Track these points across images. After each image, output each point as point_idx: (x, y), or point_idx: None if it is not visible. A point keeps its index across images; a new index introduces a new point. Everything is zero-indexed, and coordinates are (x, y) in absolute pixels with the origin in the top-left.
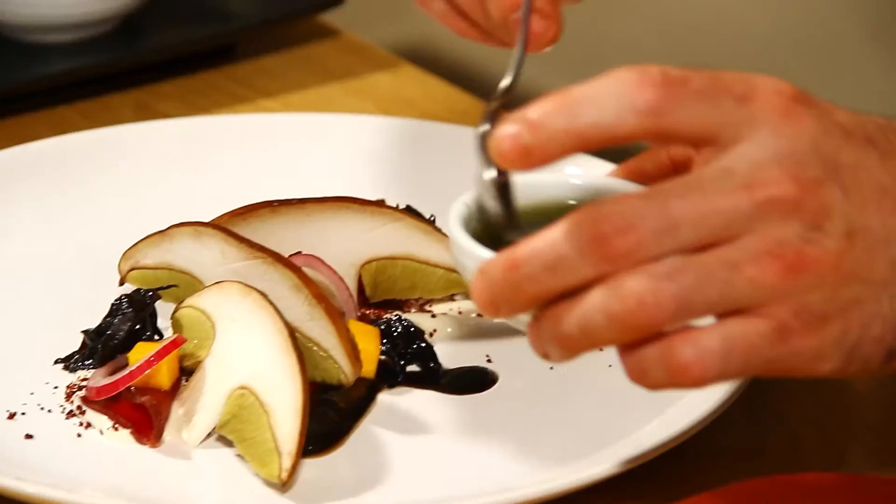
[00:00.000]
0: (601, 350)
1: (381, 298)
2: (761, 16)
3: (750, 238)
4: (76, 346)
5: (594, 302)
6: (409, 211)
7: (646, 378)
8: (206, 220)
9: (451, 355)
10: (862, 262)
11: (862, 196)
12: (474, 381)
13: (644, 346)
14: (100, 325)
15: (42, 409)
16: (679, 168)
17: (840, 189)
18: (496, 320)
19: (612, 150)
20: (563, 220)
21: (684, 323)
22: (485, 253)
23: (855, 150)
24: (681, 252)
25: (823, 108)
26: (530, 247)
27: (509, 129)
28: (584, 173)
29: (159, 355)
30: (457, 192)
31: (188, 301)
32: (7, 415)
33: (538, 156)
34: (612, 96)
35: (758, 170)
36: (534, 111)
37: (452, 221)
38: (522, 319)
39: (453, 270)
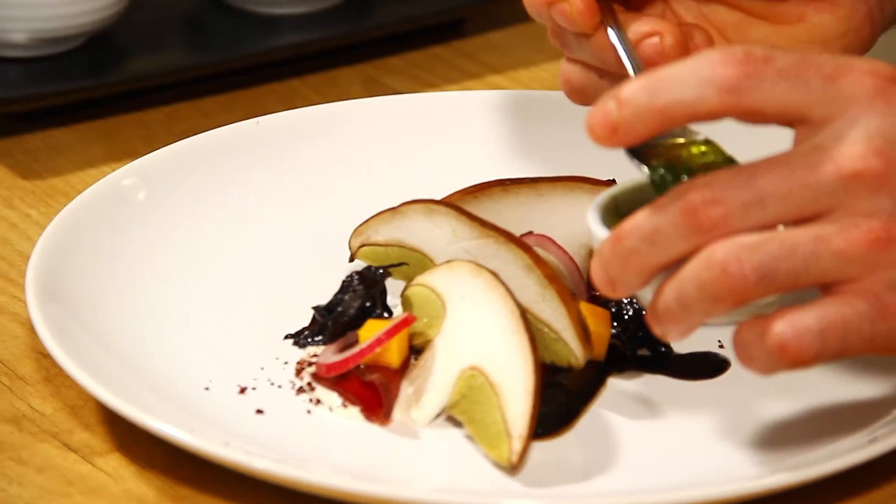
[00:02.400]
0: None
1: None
2: None
3: (837, 212)
4: (306, 322)
5: (687, 273)
6: None
7: (752, 361)
8: (434, 197)
9: (682, 340)
10: None
11: None
12: (705, 366)
13: (746, 329)
14: (330, 302)
15: (272, 384)
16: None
17: None
18: None
19: None
20: (661, 196)
21: (771, 293)
22: (602, 233)
23: None
24: (768, 226)
25: None
26: (632, 222)
27: (601, 105)
28: None
29: (390, 333)
30: None
31: (418, 279)
32: (238, 389)
33: (624, 132)
34: (695, 75)
35: (846, 145)
36: (624, 89)
37: (591, 210)
38: (647, 297)
39: None
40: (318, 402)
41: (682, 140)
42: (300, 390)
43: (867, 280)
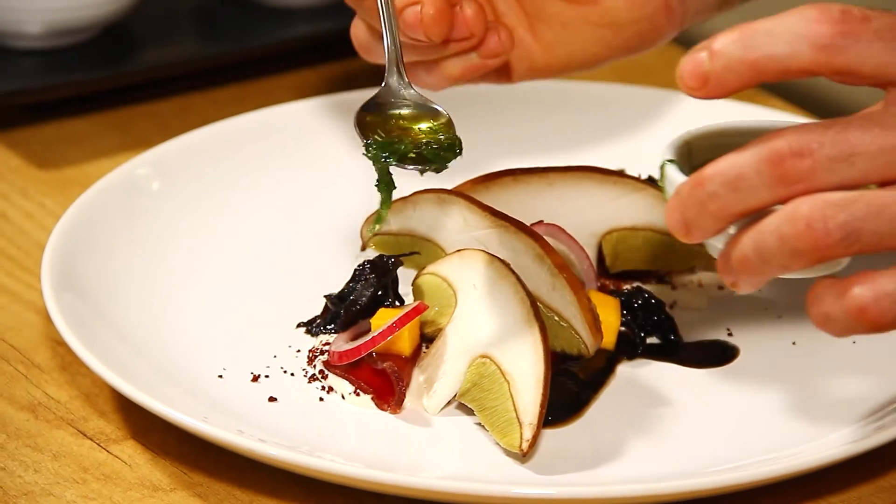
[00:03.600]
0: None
1: (621, 269)
2: None
3: None
4: (319, 311)
5: (769, 224)
6: (651, 181)
7: (828, 323)
8: (445, 186)
9: (691, 328)
10: None
11: None
12: (715, 354)
13: (824, 290)
14: (342, 291)
15: (285, 372)
16: None
17: None
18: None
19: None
20: (749, 143)
21: (853, 253)
22: (681, 177)
23: None
24: (854, 184)
25: None
26: (715, 166)
27: (692, 56)
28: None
29: (401, 322)
30: None
31: (430, 268)
32: (251, 377)
33: (715, 83)
34: (789, 30)
35: None
36: (717, 40)
37: (665, 151)
38: (718, 247)
39: None
40: (331, 389)
41: (417, 115)
42: (313, 378)
43: None
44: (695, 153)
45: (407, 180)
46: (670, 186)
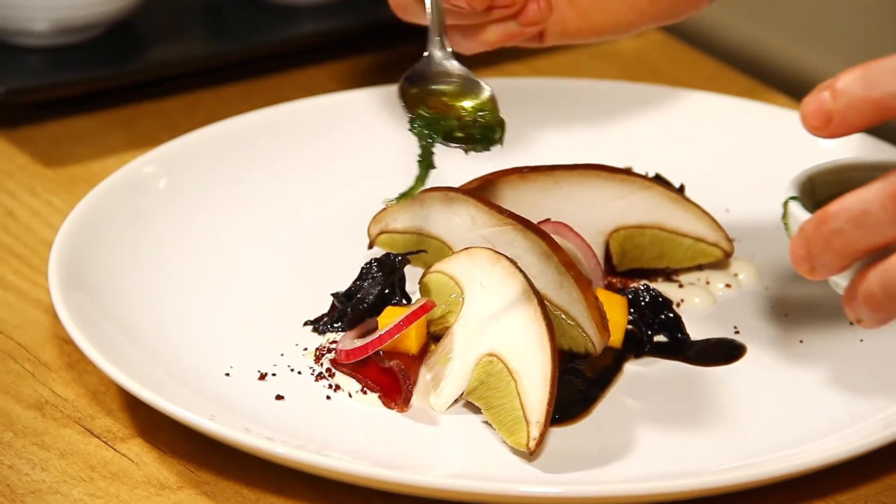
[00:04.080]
0: None
1: (628, 267)
2: None
3: None
4: (326, 309)
5: None
6: (658, 180)
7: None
8: (452, 184)
9: (698, 326)
10: None
11: None
12: (721, 352)
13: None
14: (349, 289)
15: (292, 370)
16: None
17: None
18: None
19: None
20: (874, 179)
21: None
22: (805, 214)
23: None
24: None
25: None
26: (840, 203)
27: (815, 95)
28: None
29: (408, 320)
30: (705, 160)
31: (437, 266)
32: (258, 375)
33: (839, 122)
34: None
35: None
36: (840, 80)
37: (789, 188)
38: (841, 284)
39: (701, 240)
40: (338, 388)
41: (461, 90)
42: (320, 376)
43: None
44: (818, 189)
45: (410, 178)
46: (794, 223)
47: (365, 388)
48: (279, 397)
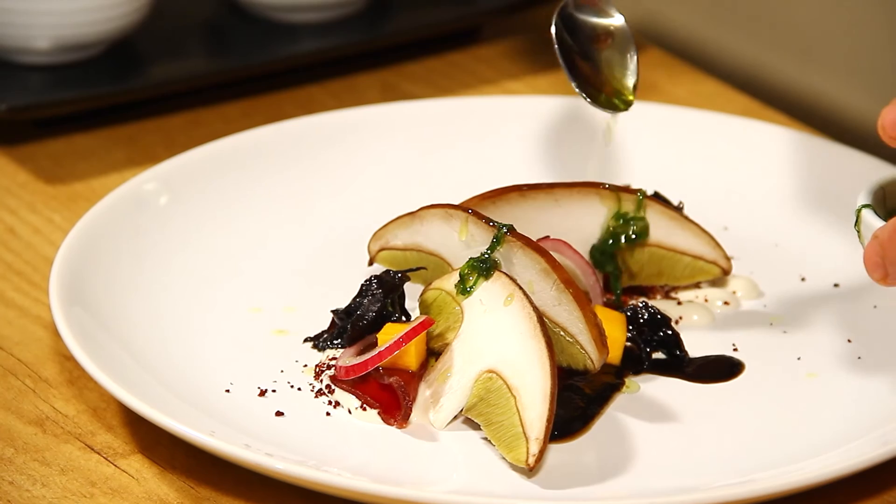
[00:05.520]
0: None
1: (627, 284)
2: None
3: None
4: (325, 326)
5: None
6: (657, 197)
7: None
8: (452, 201)
9: (696, 343)
10: None
11: None
12: (720, 369)
13: None
14: (349, 305)
15: (292, 386)
16: None
17: None
18: (743, 311)
19: None
20: None
21: None
22: (878, 222)
23: None
24: None
25: None
26: None
27: (895, 107)
28: None
29: (408, 337)
30: (704, 178)
31: (436, 283)
32: (258, 391)
33: None
34: None
35: None
36: None
37: (862, 197)
38: None
39: (700, 258)
40: (337, 404)
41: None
42: (319, 393)
43: None
44: (889, 198)
45: (412, 196)
46: (867, 230)
47: (364, 405)
48: (279, 413)
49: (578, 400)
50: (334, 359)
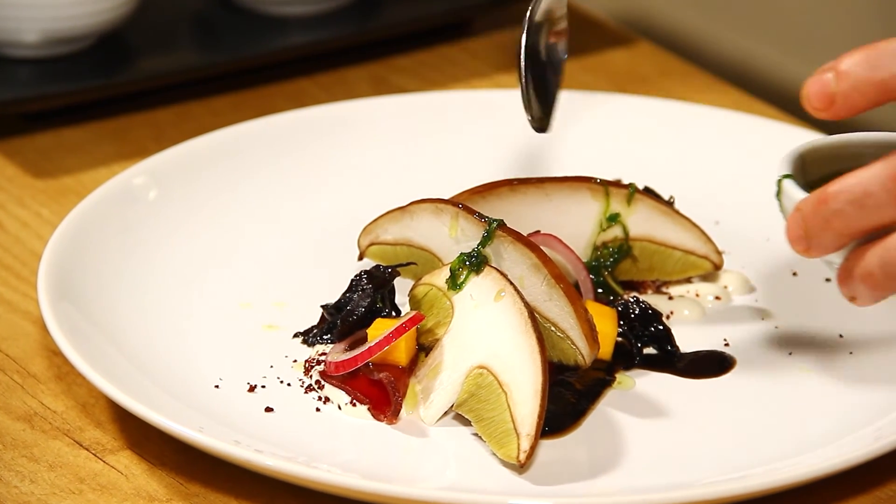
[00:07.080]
0: None
1: (618, 279)
2: None
3: None
4: (315, 321)
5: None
6: (648, 192)
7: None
8: (443, 196)
9: (687, 338)
10: None
11: None
12: (711, 364)
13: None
14: (339, 300)
15: (281, 382)
16: None
17: None
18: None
19: None
20: (877, 160)
21: None
22: (800, 193)
23: None
24: None
25: None
26: (841, 183)
27: (818, 77)
28: None
29: (398, 332)
30: (695, 172)
31: (427, 278)
32: (248, 387)
33: (842, 103)
34: None
35: None
36: (843, 61)
37: (781, 166)
38: (835, 262)
39: (691, 252)
40: (327, 400)
41: None
42: (309, 388)
43: None
44: (808, 167)
45: (403, 191)
46: (789, 202)
47: (354, 400)
48: (268, 409)
49: (569, 395)
50: (324, 354)
